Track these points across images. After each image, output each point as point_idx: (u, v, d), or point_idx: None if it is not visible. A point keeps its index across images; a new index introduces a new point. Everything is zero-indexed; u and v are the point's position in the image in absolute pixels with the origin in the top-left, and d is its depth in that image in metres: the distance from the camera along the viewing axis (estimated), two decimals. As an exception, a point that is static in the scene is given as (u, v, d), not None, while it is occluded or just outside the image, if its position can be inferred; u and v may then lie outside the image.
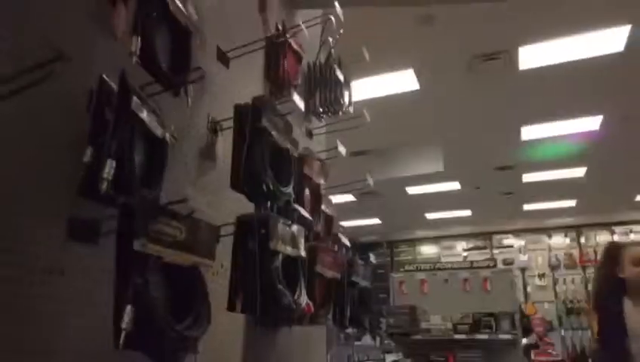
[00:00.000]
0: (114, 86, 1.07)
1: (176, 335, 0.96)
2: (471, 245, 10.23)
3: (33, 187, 0.95)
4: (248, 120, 1.48)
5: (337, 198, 7.48)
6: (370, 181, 2.42)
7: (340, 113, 2.36)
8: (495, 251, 10.00)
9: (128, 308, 0.90)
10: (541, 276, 9.35)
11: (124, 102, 1.04)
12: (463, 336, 4.01)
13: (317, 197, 1.96)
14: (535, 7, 3.99)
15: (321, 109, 2.19)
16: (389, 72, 4.84)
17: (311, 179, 1.88)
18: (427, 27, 4.12)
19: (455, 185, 7.89)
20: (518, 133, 6.11)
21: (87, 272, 1.01)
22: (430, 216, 9.30)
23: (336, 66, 2.16)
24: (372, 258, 2.16)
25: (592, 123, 5.92)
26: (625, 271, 2.03)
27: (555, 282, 9.30)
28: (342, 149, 2.15)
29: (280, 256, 1.43)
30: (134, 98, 1.05)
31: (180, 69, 1.25)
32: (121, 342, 0.87)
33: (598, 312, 2.13)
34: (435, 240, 10.21)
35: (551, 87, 5.10)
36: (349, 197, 7.76)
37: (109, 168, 0.97)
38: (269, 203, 1.51)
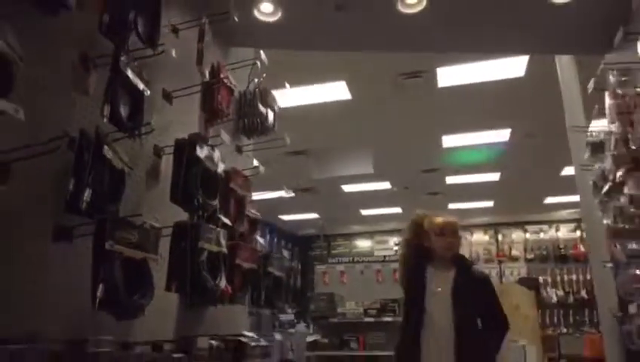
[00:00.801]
0: (91, 135, 1.62)
1: (130, 303, 1.55)
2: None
3: (38, 202, 1.49)
4: (185, 150, 2.06)
5: (277, 194, 8.07)
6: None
7: (265, 134, 2.98)
8: (424, 246, 11.05)
9: (101, 286, 1.47)
10: (463, 269, 10.51)
11: (98, 148, 1.60)
12: (371, 319, 4.83)
13: (241, 205, 2.57)
14: (452, 34, 4.73)
15: (245, 132, 2.81)
16: (324, 83, 5.47)
17: (236, 191, 2.48)
18: (357, 48, 4.78)
19: (386, 185, 8.71)
20: (440, 141, 6.97)
21: (70, 257, 1.57)
22: (365, 212, 10.13)
23: (258, 98, 2.78)
24: (286, 254, 2.80)
25: (502, 135, 6.86)
26: (430, 240, 2.16)
27: (474, 275, 10.51)
28: (261, 168, 2.77)
29: (206, 252, 2.03)
30: (104, 146, 1.61)
31: (135, 119, 1.80)
32: (96, 305, 1.44)
33: (407, 283, 2.22)
34: (370, 234, 11.09)
35: (466, 103, 5.93)
36: (287, 193, 8.37)
37: (88, 194, 1.54)
38: (199, 212, 2.10)
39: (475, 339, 1.95)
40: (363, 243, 11.24)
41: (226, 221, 2.24)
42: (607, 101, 2.49)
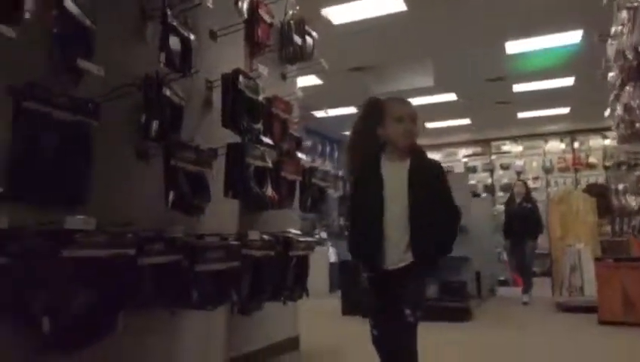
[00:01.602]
0: (153, 78, 2.13)
1: (192, 204, 2.14)
2: (470, 152, 11.26)
3: (122, 133, 2.07)
4: (230, 83, 2.53)
5: (339, 111, 8.54)
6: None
7: (306, 59, 3.37)
8: (493, 157, 11.04)
9: (171, 192, 2.06)
10: (535, 179, 10.45)
11: (159, 89, 2.12)
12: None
13: (284, 127, 3.05)
14: None
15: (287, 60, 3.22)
16: (378, -6, 5.54)
17: (278, 115, 2.95)
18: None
19: (451, 97, 8.72)
20: (503, 47, 6.82)
21: (148, 172, 2.16)
22: (430, 125, 10.25)
23: (294, 28, 3.15)
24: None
25: (572, 37, 6.55)
26: (386, 127, 1.99)
27: (547, 184, 10.44)
28: (299, 93, 3.21)
29: (252, 167, 2.56)
30: (163, 86, 2.12)
31: (186, 61, 2.28)
32: (169, 205, 2.04)
33: (361, 172, 2.10)
34: (436, 147, 11.25)
35: (529, 4, 5.72)
36: (351, 109, 8.69)
37: (155, 125, 2.08)
38: (245, 134, 2.61)
39: (430, 228, 1.88)
40: (430, 156, 11.47)
41: (269, 141, 2.74)
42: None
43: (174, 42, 2.24)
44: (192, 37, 2.32)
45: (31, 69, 1.65)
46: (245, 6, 2.86)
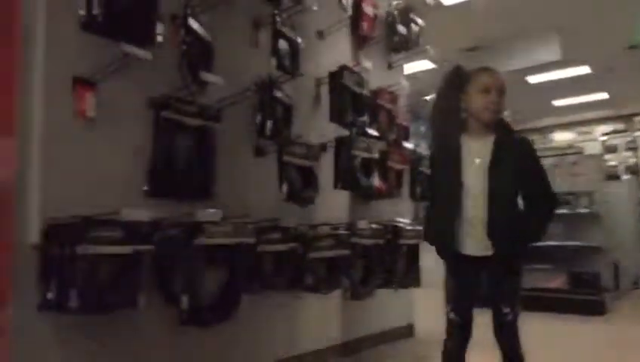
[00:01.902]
0: (265, 81, 2.34)
1: (303, 196, 2.32)
2: (610, 129, 10.07)
3: (241, 133, 2.32)
4: (336, 80, 2.67)
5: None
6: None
7: (412, 48, 3.37)
8: (637, 133, 9.75)
9: (284, 185, 2.26)
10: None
11: (271, 91, 2.32)
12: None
13: (390, 117, 3.10)
14: None
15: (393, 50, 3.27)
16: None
17: (384, 106, 3.02)
18: None
19: (584, 70, 7.92)
20: (646, 9, 6.02)
21: (264, 167, 2.39)
22: (558, 102, 9.39)
23: (398, 18, 3.18)
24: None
25: None
26: (470, 99, 1.82)
27: None
28: (404, 82, 3.23)
29: (359, 158, 2.67)
30: (275, 88, 2.32)
31: (294, 63, 2.46)
32: (284, 196, 2.25)
33: (438, 150, 2.02)
34: (566, 126, 10.28)
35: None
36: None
37: (269, 124, 2.30)
38: (353, 128, 2.73)
39: (515, 217, 1.73)
40: (561, 137, 10.53)
41: (374, 133, 2.83)
42: None
43: (283, 46, 2.42)
44: (299, 40, 2.49)
45: (165, 83, 1.94)
46: (349, 2, 2.96)
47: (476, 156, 1.79)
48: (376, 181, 2.76)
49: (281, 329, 2.49)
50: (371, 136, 2.80)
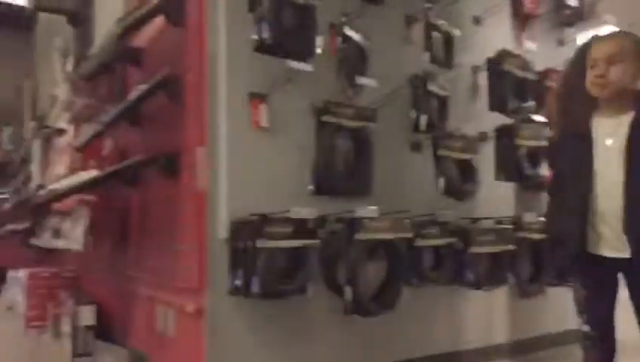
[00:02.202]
0: (420, 76, 2.36)
1: (461, 190, 2.29)
2: None
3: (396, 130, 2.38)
4: (494, 66, 2.54)
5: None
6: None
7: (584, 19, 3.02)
8: None
9: (441, 179, 2.26)
10: None
11: (425, 85, 2.33)
12: None
13: (562, 99, 2.83)
14: None
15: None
16: None
17: (554, 88, 2.77)
18: None
19: None
20: None
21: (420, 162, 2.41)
22: None
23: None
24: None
25: None
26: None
27: None
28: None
29: (524, 147, 2.51)
30: (428, 82, 2.32)
31: (448, 55, 2.42)
32: (442, 191, 2.25)
33: (563, 133, 1.78)
34: None
35: None
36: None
37: (424, 118, 2.31)
38: (516, 115, 2.57)
39: None
40: None
41: (541, 118, 2.62)
42: None
43: (437, 39, 2.40)
44: (454, 31, 2.44)
45: (325, 89, 2.09)
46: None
47: (609, 137, 1.53)
48: (544, 170, 2.56)
49: (443, 323, 2.49)
50: (538, 123, 2.60)
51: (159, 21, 2.18)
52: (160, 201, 2.27)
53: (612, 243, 1.50)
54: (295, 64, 1.83)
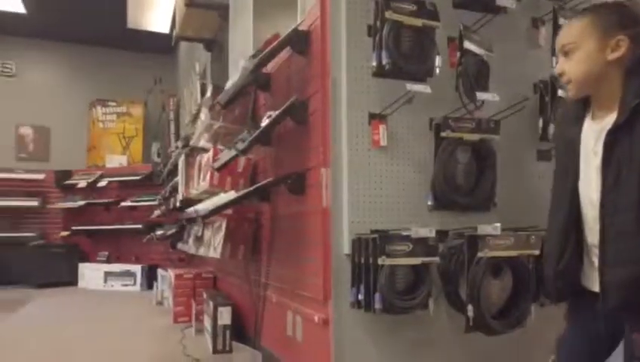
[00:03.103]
0: (546, 82, 2.25)
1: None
2: None
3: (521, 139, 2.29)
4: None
5: None
6: None
7: None
8: None
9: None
10: None
11: (553, 91, 2.21)
12: None
13: None
14: None
15: None
16: None
17: None
18: None
19: None
20: None
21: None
22: None
23: None
24: None
25: None
26: None
27: None
28: None
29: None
30: (559, 89, 2.20)
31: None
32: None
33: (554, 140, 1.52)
34: None
35: None
36: None
37: (552, 128, 2.19)
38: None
39: (632, 237, 1.13)
40: None
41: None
42: None
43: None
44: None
45: (444, 105, 2.11)
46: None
47: (593, 149, 1.26)
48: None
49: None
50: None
51: (285, 50, 2.39)
52: (289, 216, 2.46)
53: (594, 280, 1.26)
54: (414, 86, 1.87)
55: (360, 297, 1.86)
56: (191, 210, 3.06)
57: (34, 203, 7.48)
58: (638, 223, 1.14)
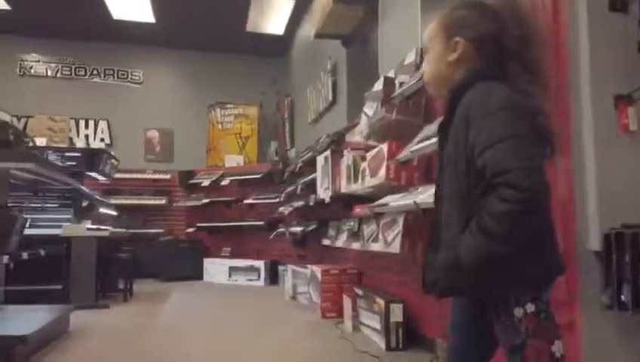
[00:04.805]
0: None
1: None
2: None
3: None
4: None
5: None
6: None
7: None
8: None
9: None
10: None
11: None
12: None
13: None
14: None
15: None
16: None
17: None
18: None
19: None
20: None
21: None
22: None
23: None
24: None
25: None
26: None
27: None
28: None
29: None
30: None
31: None
32: None
33: None
34: None
35: None
36: None
37: None
38: None
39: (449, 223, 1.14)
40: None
41: None
42: None
43: None
44: None
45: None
46: None
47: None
48: None
49: None
50: None
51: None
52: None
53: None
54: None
55: (622, 298, 1.66)
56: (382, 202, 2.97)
57: (162, 201, 7.95)
58: (457, 213, 1.12)
